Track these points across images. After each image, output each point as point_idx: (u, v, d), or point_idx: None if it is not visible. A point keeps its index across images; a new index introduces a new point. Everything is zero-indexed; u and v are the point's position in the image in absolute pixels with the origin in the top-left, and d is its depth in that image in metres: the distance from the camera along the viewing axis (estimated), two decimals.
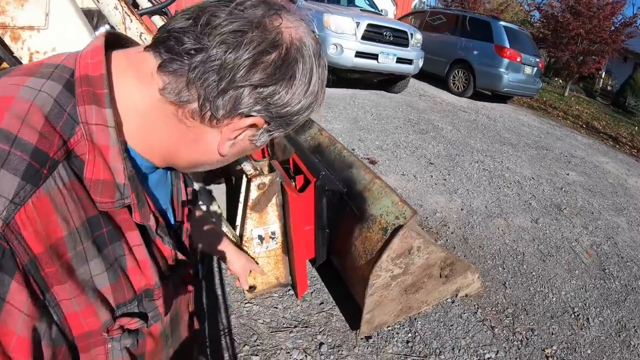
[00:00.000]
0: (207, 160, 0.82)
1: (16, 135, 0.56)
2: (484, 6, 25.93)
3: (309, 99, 0.76)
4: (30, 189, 0.56)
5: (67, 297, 0.63)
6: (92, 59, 0.69)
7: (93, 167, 0.65)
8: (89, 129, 0.65)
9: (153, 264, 0.80)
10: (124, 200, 0.69)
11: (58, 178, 0.60)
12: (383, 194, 2.43)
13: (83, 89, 0.66)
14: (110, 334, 0.74)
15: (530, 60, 11.79)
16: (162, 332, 0.89)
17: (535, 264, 3.86)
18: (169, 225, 0.92)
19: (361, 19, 8.65)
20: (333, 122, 7.00)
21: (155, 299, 0.82)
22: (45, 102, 0.62)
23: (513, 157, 7.00)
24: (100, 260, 0.69)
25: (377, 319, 2.53)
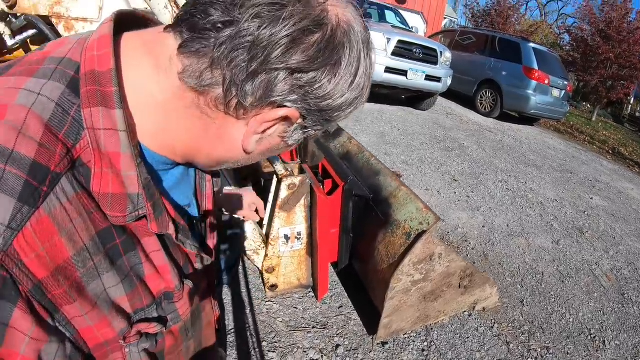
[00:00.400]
0: (231, 158, 0.74)
1: (12, 150, 0.50)
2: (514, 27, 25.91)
3: (353, 93, 0.66)
4: (28, 211, 0.51)
5: (79, 314, 0.60)
6: (99, 51, 0.60)
7: (100, 180, 0.59)
8: (96, 135, 0.58)
9: (173, 267, 0.76)
10: (138, 212, 0.63)
11: (61, 193, 0.55)
12: (408, 200, 2.51)
13: (88, 88, 0.58)
14: (127, 340, 0.70)
15: (558, 83, 11.73)
16: (182, 327, 0.86)
17: (554, 284, 3.89)
18: (192, 222, 0.88)
19: (392, 35, 8.74)
20: (360, 136, 7.09)
21: (175, 302, 0.79)
22: (45, 107, 0.55)
23: (537, 179, 7.01)
24: (114, 272, 0.64)
25: (394, 324, 2.59)
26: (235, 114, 0.63)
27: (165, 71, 0.61)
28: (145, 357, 0.76)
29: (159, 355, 0.81)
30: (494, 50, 12.22)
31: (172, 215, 0.71)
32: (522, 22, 29.13)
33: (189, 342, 0.93)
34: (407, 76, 8.82)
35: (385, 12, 11.59)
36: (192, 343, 0.95)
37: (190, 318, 0.89)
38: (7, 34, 2.20)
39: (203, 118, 0.65)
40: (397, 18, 11.41)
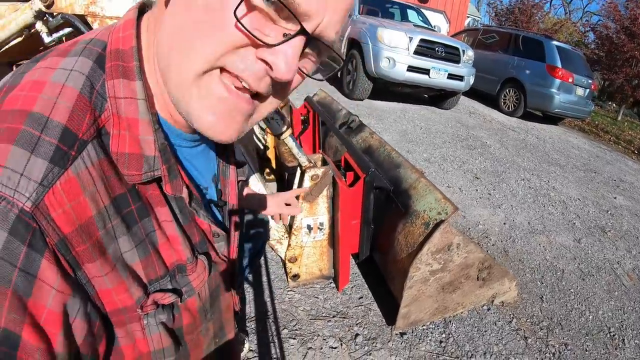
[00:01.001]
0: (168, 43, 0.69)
1: (48, 117, 0.56)
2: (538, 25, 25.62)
3: None
4: (58, 171, 0.56)
5: (99, 274, 0.63)
6: (124, 32, 0.68)
7: (118, 140, 0.64)
8: (117, 103, 0.64)
9: (184, 239, 0.78)
10: (154, 172, 0.68)
11: (87, 158, 0.60)
12: (427, 191, 2.55)
13: (112, 63, 0.65)
14: (145, 309, 0.73)
15: (582, 81, 11.58)
16: (200, 307, 0.88)
17: (575, 282, 3.89)
18: (209, 202, 0.92)
19: (414, 34, 8.74)
20: (382, 134, 7.12)
21: (189, 274, 0.81)
22: (77, 80, 0.62)
23: (560, 178, 6.98)
24: (129, 237, 0.68)
25: (413, 314, 2.63)
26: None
27: (154, 32, 0.68)
28: (164, 332, 0.79)
29: (178, 333, 0.85)
30: (517, 49, 12.14)
31: (186, 182, 0.75)
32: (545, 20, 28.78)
33: (209, 323, 0.96)
34: (430, 75, 8.82)
35: (408, 11, 11.58)
36: (212, 325, 0.98)
37: (210, 299, 0.92)
38: (45, 31, 2.31)
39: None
40: (419, 17, 11.39)
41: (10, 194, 0.52)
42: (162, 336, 0.80)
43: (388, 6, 11.69)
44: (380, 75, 8.64)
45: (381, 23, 9.07)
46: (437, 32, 10.48)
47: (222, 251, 0.93)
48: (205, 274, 0.86)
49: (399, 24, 9.96)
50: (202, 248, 0.85)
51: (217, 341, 1.04)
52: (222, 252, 0.93)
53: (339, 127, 3.94)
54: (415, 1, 18.55)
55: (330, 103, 4.72)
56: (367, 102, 9.39)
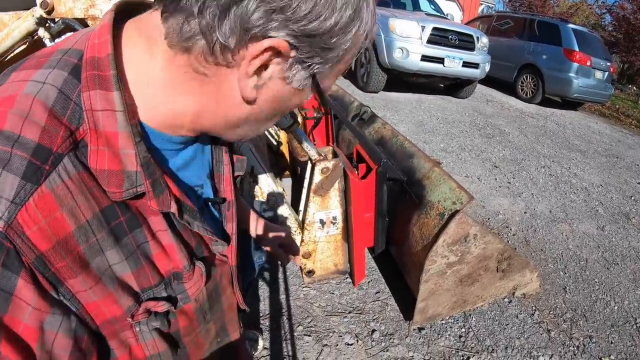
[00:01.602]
0: (238, 115, 0.72)
1: (19, 135, 0.54)
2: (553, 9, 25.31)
3: (345, 12, 0.61)
4: (31, 188, 0.54)
5: (83, 288, 0.62)
6: (99, 39, 0.64)
7: (97, 156, 0.61)
8: (94, 116, 0.61)
9: (182, 247, 0.77)
10: (136, 189, 0.65)
11: (63, 172, 0.58)
12: (441, 181, 2.48)
13: (88, 73, 0.62)
14: (136, 318, 0.71)
15: (600, 64, 11.36)
16: (197, 309, 0.86)
17: (599, 271, 3.79)
18: (206, 200, 0.90)
19: (426, 23, 8.67)
20: (398, 125, 7.08)
21: (185, 282, 0.79)
22: (49, 93, 0.59)
23: (581, 164, 6.84)
24: (118, 249, 0.66)
25: (430, 309, 2.57)
26: (225, 61, 0.62)
27: (156, 43, 0.63)
28: (158, 337, 0.77)
29: (175, 336, 0.83)
30: (532, 34, 11.97)
31: (175, 195, 0.72)
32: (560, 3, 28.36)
33: (209, 324, 0.94)
34: (444, 63, 8.74)
35: (419, 0, 11.48)
36: (213, 326, 0.96)
37: (208, 300, 0.90)
38: (47, 37, 2.34)
39: (199, 79, 0.65)
40: (431, 6, 11.30)
41: None
42: (156, 341, 0.77)
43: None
44: (394, 66, 8.58)
45: (392, 13, 9.01)
46: (450, 20, 10.40)
47: (221, 251, 0.90)
48: (202, 282, 0.83)
49: (410, 13, 9.88)
50: (199, 252, 0.83)
51: (219, 341, 1.02)
52: (221, 252, 0.90)
53: (352, 119, 3.88)
54: None
55: (343, 96, 4.67)
56: (382, 94, 9.33)
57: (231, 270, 0.99)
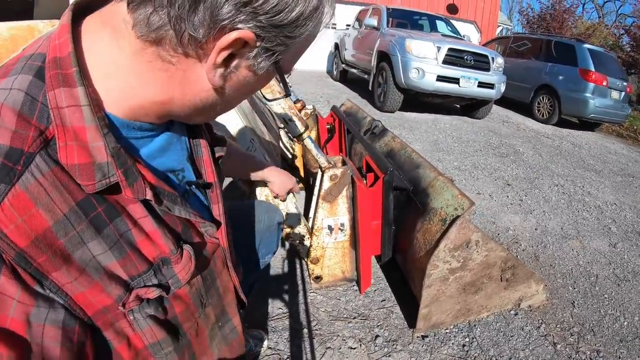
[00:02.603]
0: (205, 101, 0.75)
1: None
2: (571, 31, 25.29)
3: (310, 2, 0.66)
4: (5, 188, 0.57)
5: (68, 280, 0.64)
6: (59, 39, 0.66)
7: (66, 152, 0.63)
8: (60, 113, 0.63)
9: (165, 232, 0.78)
10: (109, 179, 0.67)
11: (36, 170, 0.60)
12: (445, 188, 2.52)
13: (51, 72, 0.64)
14: (127, 306, 0.73)
15: (617, 84, 11.26)
16: (193, 293, 0.88)
17: (609, 287, 3.77)
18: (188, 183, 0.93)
19: (442, 44, 8.76)
20: (413, 144, 7.12)
21: (174, 266, 0.81)
22: (16, 98, 0.61)
23: (596, 183, 6.80)
24: (100, 240, 0.68)
25: (434, 316, 2.60)
26: (194, 52, 0.65)
27: (123, 34, 0.65)
28: (154, 325, 0.80)
29: (174, 322, 0.85)
30: (549, 55, 11.96)
31: (150, 182, 0.74)
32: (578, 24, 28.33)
33: (207, 309, 0.95)
34: (460, 84, 8.80)
35: (437, 22, 11.64)
36: (212, 310, 0.98)
37: (204, 284, 0.92)
38: None
39: (167, 67, 0.67)
40: (447, 27, 11.42)
41: None
42: (153, 329, 0.80)
43: (416, 18, 11.80)
44: (410, 86, 8.67)
45: (409, 34, 9.14)
46: (465, 41, 10.46)
47: (211, 233, 0.93)
48: (191, 264, 0.84)
49: (427, 34, 10.00)
50: (186, 235, 0.86)
51: (220, 325, 1.04)
52: (210, 233, 0.93)
53: (364, 133, 3.97)
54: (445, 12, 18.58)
55: (356, 112, 4.76)
56: (399, 113, 9.40)
57: (224, 252, 1.00)
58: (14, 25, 2.59)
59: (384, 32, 10.05)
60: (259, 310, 2.64)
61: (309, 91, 11.20)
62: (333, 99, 10.16)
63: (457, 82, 8.80)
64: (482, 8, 20.44)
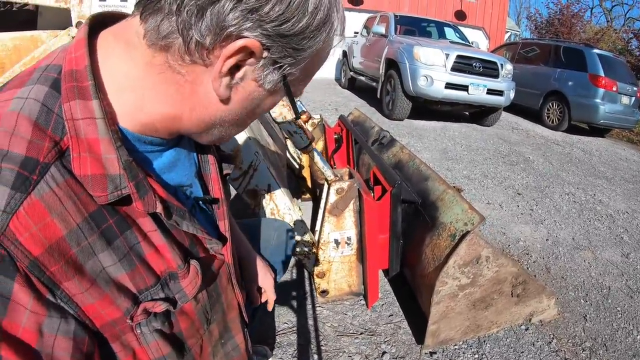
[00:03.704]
0: (214, 116, 0.75)
1: (7, 151, 0.58)
2: (579, 35, 25.23)
3: (317, 15, 0.66)
4: (20, 197, 0.58)
5: (79, 291, 0.65)
6: (76, 52, 0.68)
7: (79, 163, 0.64)
8: (75, 125, 0.64)
9: (173, 247, 0.79)
10: (121, 191, 0.68)
11: (51, 180, 0.61)
12: (454, 202, 2.49)
13: (67, 84, 0.66)
14: (135, 319, 0.74)
15: (627, 89, 11.15)
16: (199, 309, 0.88)
17: (622, 299, 3.71)
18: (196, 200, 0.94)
19: (450, 51, 8.74)
20: (422, 152, 7.11)
21: (181, 281, 0.81)
22: (32, 108, 0.63)
23: (607, 191, 6.73)
24: (110, 252, 0.69)
25: (443, 333, 2.55)
26: (201, 60, 0.66)
27: (135, 46, 0.68)
28: (161, 339, 0.80)
29: (179, 337, 0.85)
30: (558, 61, 11.88)
31: (161, 196, 0.75)
32: (586, 29, 28.25)
33: (211, 325, 0.95)
34: (469, 91, 8.77)
35: (445, 29, 11.64)
36: (215, 327, 0.98)
37: (209, 300, 0.92)
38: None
39: (176, 79, 0.69)
40: (456, 34, 11.41)
41: None
42: (159, 344, 0.80)
43: (424, 25, 11.79)
44: (419, 94, 8.65)
45: (417, 42, 9.13)
46: (474, 48, 10.44)
47: (217, 249, 0.94)
48: (199, 279, 0.85)
49: (435, 41, 10.00)
50: (194, 251, 0.86)
51: (222, 342, 1.04)
52: (216, 250, 0.93)
53: (372, 143, 3.94)
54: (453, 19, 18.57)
55: (364, 121, 4.73)
56: (407, 121, 9.37)
57: (229, 269, 1.01)
58: (17, 35, 2.62)
59: (392, 39, 10.05)
60: (264, 324, 2.61)
61: (317, 99, 11.21)
62: (341, 107, 10.16)
63: (466, 90, 8.77)
64: (490, 14, 20.43)
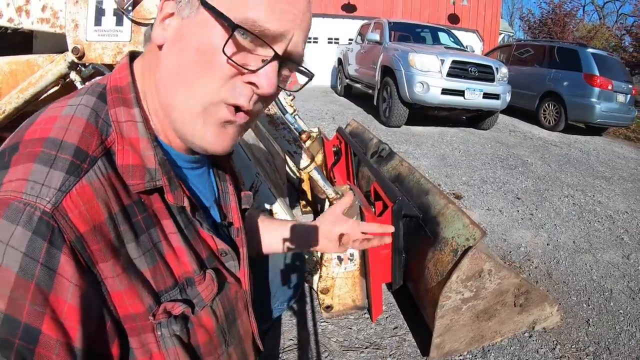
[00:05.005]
0: (163, 75, 0.77)
1: (62, 140, 0.67)
2: (572, 34, 25.24)
3: None
4: (74, 180, 0.65)
5: (111, 274, 0.69)
6: (120, 74, 0.80)
7: (122, 154, 0.73)
8: (119, 125, 0.74)
9: (190, 251, 0.83)
10: (155, 182, 0.75)
11: (98, 170, 0.68)
12: (455, 217, 2.53)
13: (113, 96, 0.77)
14: (157, 318, 0.76)
15: (622, 87, 11.22)
16: (217, 326, 0.89)
17: (624, 302, 3.73)
18: (214, 222, 0.97)
19: (446, 57, 8.80)
20: (421, 159, 7.16)
21: (197, 285, 0.84)
22: (84, 111, 0.73)
23: (606, 191, 6.77)
24: (136, 244, 0.73)
25: (447, 344, 2.59)
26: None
27: (150, 60, 0.80)
28: (180, 347, 0.81)
29: (197, 351, 0.86)
30: (552, 61, 11.96)
31: (187, 194, 0.82)
32: (580, 27, 28.29)
33: (230, 348, 0.96)
34: (465, 96, 8.84)
35: (439, 34, 11.72)
36: (234, 351, 0.98)
37: (226, 320, 0.93)
38: (78, 80, 2.54)
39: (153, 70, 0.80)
40: (450, 39, 11.47)
41: (33, 200, 0.61)
42: (178, 352, 0.81)
43: (419, 31, 11.85)
44: (415, 101, 8.70)
45: (412, 48, 9.19)
46: (469, 52, 10.51)
47: (234, 271, 0.96)
48: (214, 286, 0.87)
49: (430, 47, 10.05)
50: (210, 264, 0.89)
51: None
52: (232, 267, 0.96)
53: (371, 156, 3.97)
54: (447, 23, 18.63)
55: (362, 132, 4.76)
56: (405, 128, 9.43)
57: (246, 296, 1.03)
58: (13, 60, 2.66)
59: (386, 46, 10.11)
60: (270, 342, 2.64)
61: (314, 108, 11.28)
62: (338, 116, 10.22)
63: (462, 95, 8.84)
64: (483, 16, 20.47)
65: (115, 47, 2.48)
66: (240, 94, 0.75)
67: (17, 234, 0.59)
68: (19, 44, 3.19)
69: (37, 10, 2.53)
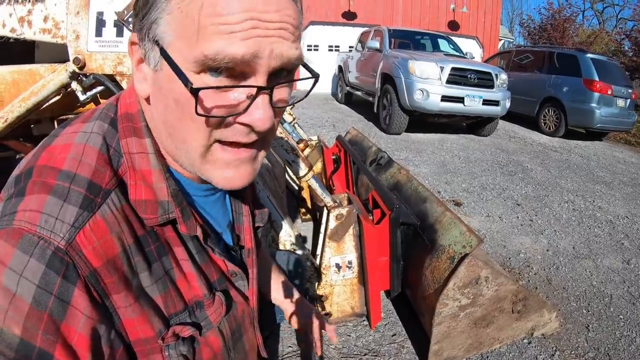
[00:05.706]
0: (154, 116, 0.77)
1: (75, 173, 0.67)
2: (572, 39, 25.23)
3: None
4: (87, 215, 0.65)
5: (124, 305, 0.70)
6: (129, 99, 0.80)
7: (135, 190, 0.73)
8: (131, 158, 0.75)
9: (200, 277, 0.84)
10: (168, 215, 0.76)
11: (111, 204, 0.69)
12: (452, 225, 2.54)
13: (124, 124, 0.77)
14: (166, 341, 0.77)
15: (622, 92, 11.20)
16: (222, 345, 0.91)
17: (624, 307, 3.74)
18: (226, 246, 0.97)
19: (445, 64, 8.82)
20: (420, 166, 7.17)
21: (206, 309, 0.85)
22: (96, 140, 0.73)
23: (606, 196, 6.77)
24: (148, 273, 0.75)
25: (445, 351, 2.59)
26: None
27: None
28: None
29: None
30: (552, 67, 11.96)
31: (199, 222, 0.82)
32: (579, 33, 28.31)
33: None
34: (465, 103, 8.86)
35: (438, 41, 11.73)
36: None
37: (232, 337, 0.94)
38: (79, 90, 2.58)
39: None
40: (450, 45, 11.49)
41: (47, 235, 0.62)
42: None
43: (418, 38, 11.89)
44: (415, 108, 8.72)
45: (411, 55, 9.21)
46: (468, 59, 10.53)
47: (243, 290, 0.98)
48: (223, 309, 0.89)
49: (429, 54, 10.08)
50: (220, 286, 0.91)
51: None
52: (242, 287, 0.97)
53: (369, 164, 3.99)
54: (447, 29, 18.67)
55: (362, 140, 4.78)
56: (405, 135, 9.45)
57: (253, 313, 1.05)
58: (16, 69, 2.70)
59: (386, 54, 10.15)
60: (269, 348, 2.63)
61: (314, 115, 11.31)
62: (338, 123, 10.25)
63: (461, 101, 8.86)
64: (483, 23, 20.52)
65: (115, 57, 2.52)
66: (235, 133, 0.71)
67: (31, 266, 0.60)
68: (21, 54, 3.22)
69: (39, 20, 2.57)
